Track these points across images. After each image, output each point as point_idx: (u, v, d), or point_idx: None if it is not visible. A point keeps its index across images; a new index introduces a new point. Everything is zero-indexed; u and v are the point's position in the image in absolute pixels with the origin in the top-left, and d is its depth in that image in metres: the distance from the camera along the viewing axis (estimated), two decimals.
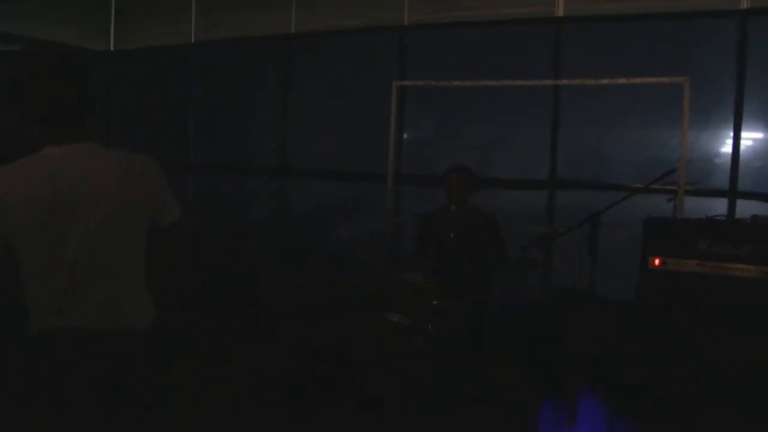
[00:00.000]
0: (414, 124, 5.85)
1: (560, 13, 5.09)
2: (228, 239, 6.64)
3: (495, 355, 4.13)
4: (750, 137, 4.71)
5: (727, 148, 4.73)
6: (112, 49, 8.14)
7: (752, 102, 4.62)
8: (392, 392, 3.77)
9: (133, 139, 7.68)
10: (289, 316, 5.23)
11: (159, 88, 7.53)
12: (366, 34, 6.04)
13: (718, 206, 4.52)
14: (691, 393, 3.35)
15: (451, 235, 3.99)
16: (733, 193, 4.62)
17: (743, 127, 4.65)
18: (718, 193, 4.65)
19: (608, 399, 3.44)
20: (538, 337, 4.21)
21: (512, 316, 4.14)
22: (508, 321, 4.12)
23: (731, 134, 4.68)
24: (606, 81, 4.43)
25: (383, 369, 3.71)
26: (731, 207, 4.62)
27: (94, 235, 2.03)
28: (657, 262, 3.73)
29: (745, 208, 4.46)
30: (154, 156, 2.17)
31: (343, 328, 4.22)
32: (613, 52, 4.87)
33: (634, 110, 4.76)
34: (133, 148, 2.09)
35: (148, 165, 2.19)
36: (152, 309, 2.20)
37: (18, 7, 7.37)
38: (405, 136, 5.80)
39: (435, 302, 3.68)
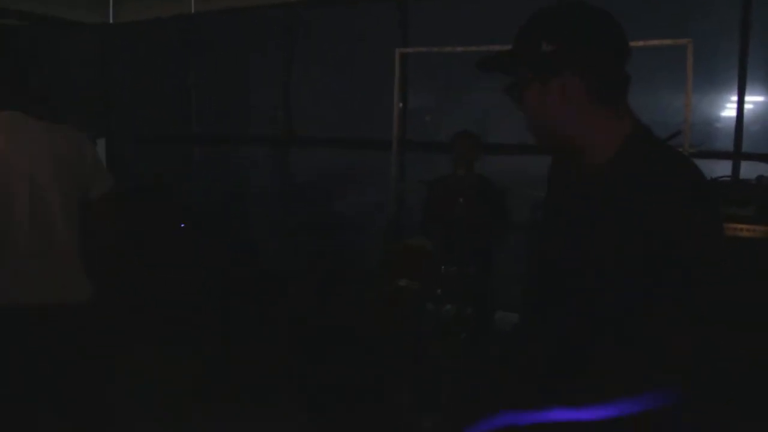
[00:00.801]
0: (417, 90, 5.84)
1: None
2: (232, 209, 6.67)
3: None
4: (754, 99, 4.72)
5: (730, 110, 4.74)
6: (111, 21, 8.08)
7: (756, 63, 4.61)
8: (402, 357, 3.83)
9: (134, 112, 7.66)
10: (296, 283, 5.28)
11: (159, 59, 7.49)
12: (368, 1, 6.01)
13: (723, 168, 4.54)
14: None
15: (460, 200, 4.02)
16: (737, 154, 4.63)
17: (747, 89, 4.65)
18: (722, 154, 4.67)
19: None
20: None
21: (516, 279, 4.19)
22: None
23: (735, 96, 4.68)
24: None
25: (393, 334, 3.75)
26: (735, 168, 4.64)
27: (23, 207, 2.01)
28: None
29: (750, 170, 4.48)
30: (156, 128, 2.17)
31: (351, 295, 4.27)
32: (618, 14, 4.84)
33: (636, 73, 4.74)
34: (135, 121, 2.07)
35: (75, 136, 2.19)
36: (87, 282, 2.16)
37: None
38: (407, 103, 5.79)
39: (443, 267, 3.72)
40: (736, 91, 4.66)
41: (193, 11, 7.17)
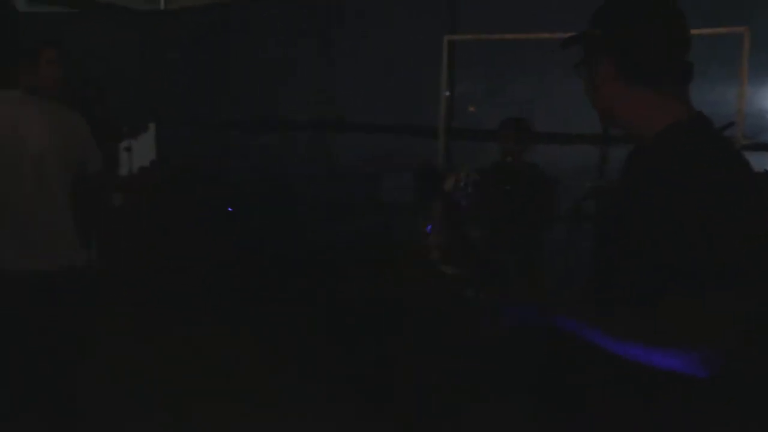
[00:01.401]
0: (464, 77, 5.80)
1: None
2: (277, 194, 6.74)
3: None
4: None
5: None
6: (162, 8, 8.21)
7: None
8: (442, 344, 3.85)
9: (182, 98, 7.78)
10: (343, 266, 5.33)
11: (207, 45, 7.59)
12: None
13: None
14: None
15: (507, 188, 4.00)
16: None
17: None
18: None
19: None
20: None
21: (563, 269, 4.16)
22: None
23: None
24: None
25: (436, 318, 3.77)
26: None
27: (20, 178, 2.16)
28: None
29: None
30: (203, 114, 2.27)
31: (395, 279, 4.29)
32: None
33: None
34: (183, 107, 2.17)
35: (72, 116, 2.34)
36: (79, 248, 2.32)
37: None
38: (455, 90, 5.76)
39: (490, 257, 3.70)
40: None
41: None
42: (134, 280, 5.01)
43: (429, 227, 1.66)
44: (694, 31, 1.37)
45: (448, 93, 5.49)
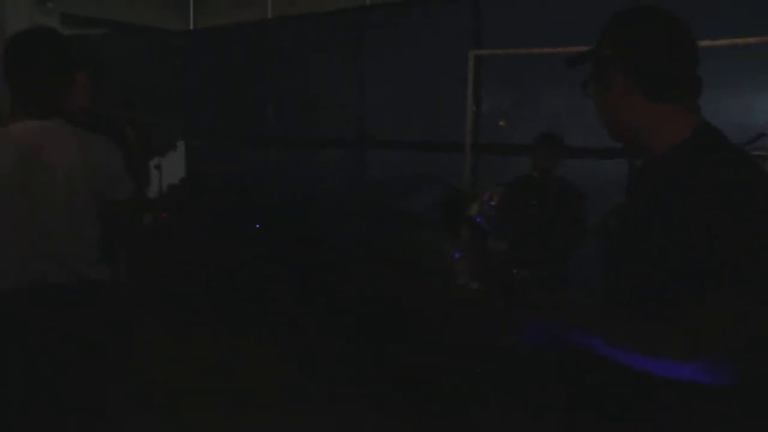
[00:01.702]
0: (491, 93, 5.80)
1: None
2: (306, 209, 6.79)
3: None
4: None
5: None
6: (191, 27, 8.35)
7: None
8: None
9: (213, 115, 7.89)
10: (369, 279, 5.35)
11: (237, 64, 7.69)
12: (440, 3, 6.01)
13: None
14: None
15: (534, 203, 3.98)
16: None
17: None
18: None
19: None
20: None
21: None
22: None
23: None
24: None
25: (461, 332, 3.75)
26: None
27: (47, 202, 2.30)
28: None
29: None
30: (233, 131, 2.34)
31: (422, 293, 4.29)
32: (698, 13, 4.67)
33: (720, 73, 4.58)
34: (214, 124, 2.26)
35: (104, 145, 2.42)
36: (104, 265, 2.46)
37: None
38: (481, 105, 5.76)
39: (515, 270, 3.68)
40: None
41: (269, 16, 7.33)
42: (161, 294, 5.08)
43: (458, 254, 1.67)
44: (725, 41, 1.38)
45: (474, 108, 5.48)
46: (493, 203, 1.65)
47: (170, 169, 6.83)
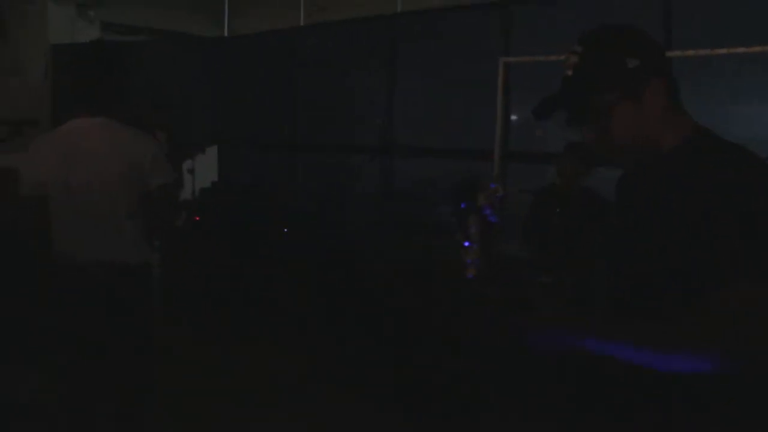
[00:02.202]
0: (521, 100, 5.77)
1: None
2: (334, 215, 6.83)
3: None
4: None
5: None
6: (226, 35, 8.49)
7: None
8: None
9: (245, 121, 7.99)
10: (396, 286, 5.36)
11: (269, 71, 7.78)
12: (471, 10, 6.01)
13: None
14: None
15: (558, 211, 3.95)
16: None
17: None
18: None
19: None
20: None
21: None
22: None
23: None
24: (723, 50, 4.21)
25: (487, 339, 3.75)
26: None
27: (91, 188, 2.67)
28: None
29: None
30: (265, 137, 2.48)
31: (450, 301, 4.29)
32: (728, 18, 4.59)
33: (733, 82, 4.50)
34: (245, 130, 2.43)
35: (142, 138, 2.78)
36: (143, 247, 2.79)
37: None
38: (513, 112, 5.74)
39: (541, 278, 3.67)
40: None
41: (302, 24, 7.42)
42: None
43: (467, 243, 1.68)
44: (740, 50, 1.38)
45: (504, 116, 5.46)
46: (498, 195, 1.67)
47: (203, 173, 6.95)
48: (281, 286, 5.61)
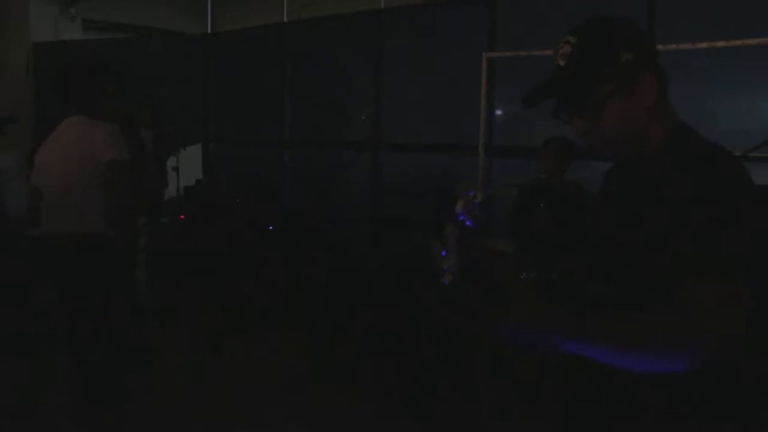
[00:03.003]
0: (505, 95, 5.78)
1: None
2: (322, 212, 6.81)
3: None
4: None
5: None
6: (209, 32, 8.44)
7: None
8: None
9: (230, 118, 7.95)
10: (381, 279, 5.37)
11: (254, 68, 7.75)
12: (455, 5, 6.01)
13: None
14: None
15: (541, 206, 3.96)
16: None
17: None
18: None
19: None
20: None
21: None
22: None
23: None
24: (704, 44, 4.23)
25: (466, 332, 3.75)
26: None
27: (62, 168, 3.02)
28: None
29: None
30: (251, 133, 2.45)
31: (430, 294, 4.29)
32: (718, 11, 4.61)
33: (727, 75, 4.52)
34: (231, 127, 2.44)
35: (99, 125, 3.06)
36: (100, 218, 3.03)
37: None
38: (498, 107, 5.74)
39: (523, 273, 3.67)
40: None
41: (285, 20, 7.39)
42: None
43: (444, 252, 1.66)
44: (737, 42, 1.38)
45: (488, 110, 5.46)
46: (477, 201, 1.65)
47: (187, 171, 6.90)
48: (267, 282, 5.59)
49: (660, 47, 1.54)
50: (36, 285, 3.24)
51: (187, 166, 6.68)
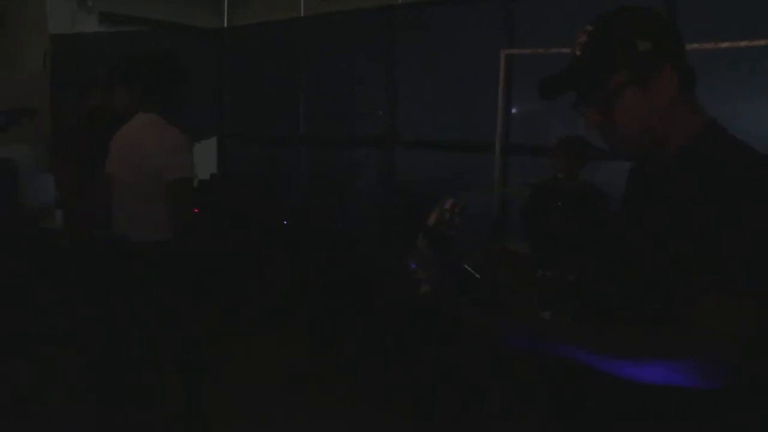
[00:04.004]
0: (522, 93, 5.72)
1: None
2: (336, 208, 6.80)
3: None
4: None
5: None
6: (225, 26, 8.42)
7: None
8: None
9: (244, 113, 7.94)
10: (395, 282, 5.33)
11: (270, 62, 7.73)
12: (472, 1, 5.95)
13: None
14: None
15: (558, 204, 3.92)
16: None
17: None
18: None
19: None
20: None
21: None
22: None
23: None
24: (726, 44, 4.16)
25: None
26: None
27: (130, 174, 3.07)
28: None
29: None
30: (265, 129, 2.50)
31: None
32: (734, 11, 4.53)
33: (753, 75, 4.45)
34: (245, 122, 2.49)
35: (172, 135, 3.04)
36: (165, 228, 3.02)
37: None
38: (515, 105, 5.69)
39: (540, 272, 3.63)
40: None
41: (302, 15, 7.35)
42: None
43: (414, 265, 1.62)
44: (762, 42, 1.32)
45: (505, 108, 5.42)
46: (456, 211, 1.59)
47: (202, 165, 6.91)
48: (281, 278, 5.59)
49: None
50: (109, 283, 3.27)
51: (202, 160, 6.67)
